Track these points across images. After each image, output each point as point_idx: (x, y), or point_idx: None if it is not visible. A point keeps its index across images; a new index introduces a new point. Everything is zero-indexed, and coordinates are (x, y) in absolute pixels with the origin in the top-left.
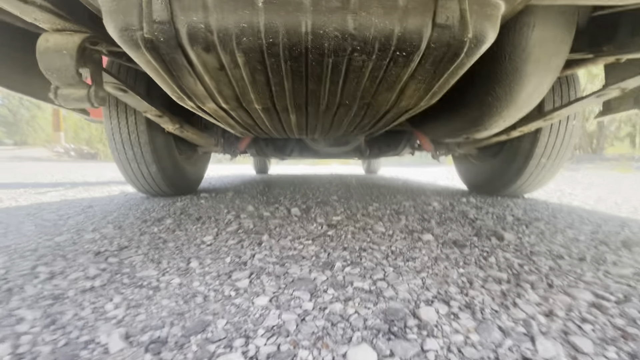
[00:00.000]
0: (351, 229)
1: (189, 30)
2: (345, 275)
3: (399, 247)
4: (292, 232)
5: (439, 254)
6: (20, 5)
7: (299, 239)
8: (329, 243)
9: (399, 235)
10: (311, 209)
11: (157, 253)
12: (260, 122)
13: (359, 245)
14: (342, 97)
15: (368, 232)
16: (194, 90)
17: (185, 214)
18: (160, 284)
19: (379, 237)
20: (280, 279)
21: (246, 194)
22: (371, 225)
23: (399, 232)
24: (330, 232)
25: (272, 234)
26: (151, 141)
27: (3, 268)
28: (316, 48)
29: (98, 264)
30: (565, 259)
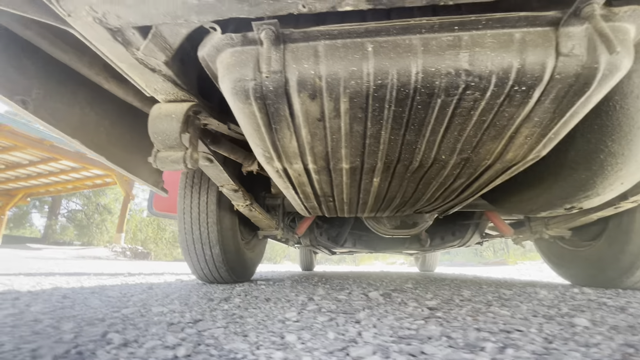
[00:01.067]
0: (462, 312)
1: (298, 77)
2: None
3: (555, 332)
4: (388, 312)
5: (623, 343)
6: (147, 76)
7: (403, 319)
8: (447, 324)
9: (537, 320)
10: (391, 295)
11: (239, 327)
12: (338, 191)
13: (496, 327)
14: (439, 151)
15: (489, 315)
16: (286, 148)
17: (251, 296)
18: (258, 358)
19: (511, 319)
20: (418, 358)
21: (305, 283)
22: (485, 309)
23: (532, 317)
24: (438, 313)
25: (367, 313)
26: (219, 222)
27: (71, 333)
28: (426, 87)
29: (175, 334)
30: None
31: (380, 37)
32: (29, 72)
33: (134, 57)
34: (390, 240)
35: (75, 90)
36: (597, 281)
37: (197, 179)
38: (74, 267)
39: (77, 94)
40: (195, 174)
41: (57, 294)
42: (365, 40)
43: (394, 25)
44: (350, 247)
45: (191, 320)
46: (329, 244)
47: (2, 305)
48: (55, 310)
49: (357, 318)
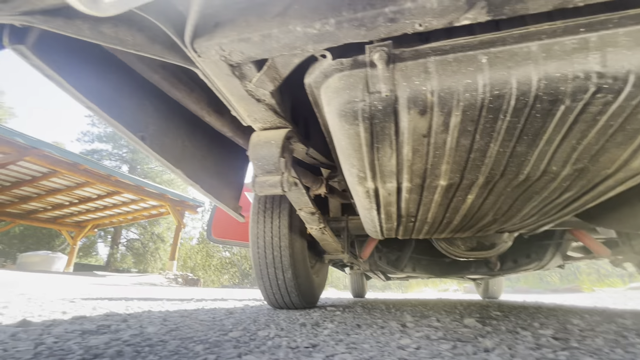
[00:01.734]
0: (599, 342)
1: (409, 95)
2: None
3: None
4: (510, 340)
5: None
6: (252, 106)
7: (538, 349)
8: (597, 355)
9: None
10: (489, 322)
11: (363, 353)
12: (423, 210)
13: None
14: (551, 162)
15: (638, 347)
16: (384, 166)
17: (337, 322)
18: None
19: None
20: None
21: (377, 310)
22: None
23: None
24: (573, 343)
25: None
26: (291, 245)
27: (210, 354)
28: (548, 94)
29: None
30: None
31: (494, 47)
32: (147, 110)
33: (245, 89)
34: (453, 265)
35: (178, 125)
36: None
37: (269, 204)
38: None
39: (179, 128)
40: (267, 199)
41: (153, 317)
42: (478, 52)
43: (511, 35)
44: (409, 272)
45: (308, 345)
46: (388, 269)
47: (120, 326)
48: (170, 332)
49: (484, 346)
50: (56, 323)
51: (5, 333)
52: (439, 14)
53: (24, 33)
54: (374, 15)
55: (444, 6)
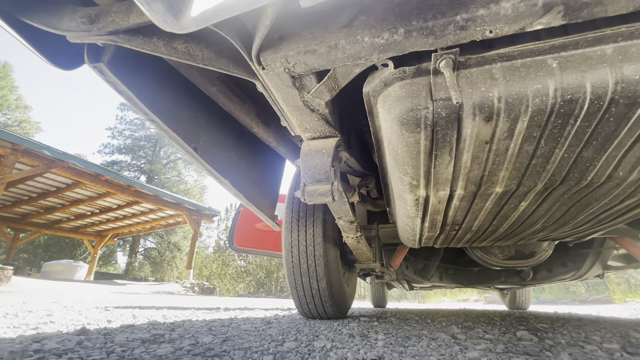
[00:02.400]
0: None
1: (475, 101)
2: None
3: None
4: (580, 355)
5: None
6: (305, 116)
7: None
8: None
9: None
10: (541, 334)
11: None
12: (470, 218)
13: None
14: (618, 167)
15: None
16: (440, 174)
17: (383, 333)
18: None
19: None
20: None
21: (410, 320)
22: None
23: None
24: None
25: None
26: (325, 254)
27: None
28: (626, 97)
29: None
30: None
31: (565, 51)
32: (200, 122)
33: (302, 99)
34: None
35: (226, 136)
36: None
37: (302, 212)
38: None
39: (227, 139)
40: (301, 207)
41: (197, 326)
42: (547, 57)
43: (585, 38)
44: (435, 281)
45: (375, 357)
46: (415, 278)
47: (172, 335)
48: (225, 342)
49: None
50: (112, 331)
51: (71, 341)
52: (512, 20)
53: (101, 51)
54: (445, 23)
55: (519, 12)
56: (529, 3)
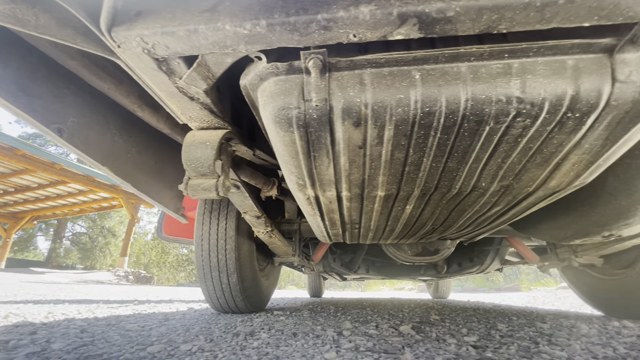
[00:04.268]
0: (511, 351)
1: (344, 105)
2: None
3: None
4: (431, 351)
5: None
6: (185, 104)
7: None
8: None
9: None
10: (423, 329)
11: None
12: (366, 218)
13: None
14: (480, 178)
15: (544, 357)
16: (322, 175)
17: (275, 330)
18: None
19: None
20: None
21: (324, 313)
22: (534, 348)
23: (592, 359)
24: (488, 353)
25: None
26: (237, 248)
27: None
28: (475, 115)
29: None
30: None
31: (428, 65)
32: (66, 100)
33: (175, 85)
34: (404, 267)
35: (107, 118)
36: (632, 313)
37: (215, 204)
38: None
39: (108, 122)
40: (214, 200)
41: (73, 327)
42: (412, 68)
43: (442, 54)
44: (363, 274)
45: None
46: (342, 270)
47: (22, 341)
48: (78, 348)
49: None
50: None
51: None
52: (372, 26)
53: None
54: (307, 21)
55: (377, 19)
56: (385, 11)
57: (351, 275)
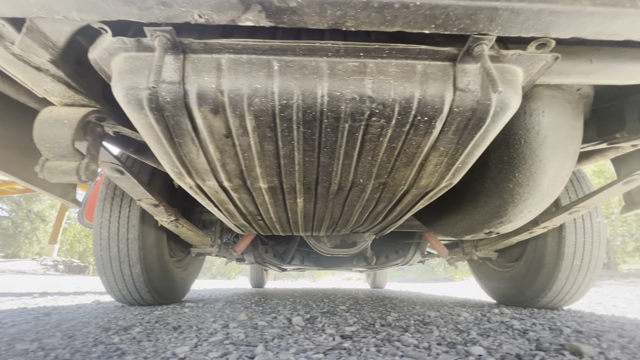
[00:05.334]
0: (372, 341)
1: (199, 90)
2: None
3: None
4: (295, 343)
5: None
6: (32, 75)
7: (304, 352)
8: (347, 357)
9: (438, 349)
10: (317, 319)
11: None
12: (263, 210)
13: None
14: (356, 175)
15: (396, 344)
16: (195, 164)
17: (161, 323)
18: None
19: (413, 350)
20: None
21: (239, 304)
22: (397, 336)
23: (436, 345)
24: (346, 344)
25: (269, 345)
26: (141, 237)
27: None
28: (332, 111)
29: None
30: None
31: (287, 56)
32: None
33: (9, 52)
34: (339, 258)
35: None
36: (518, 301)
37: (118, 190)
38: None
39: None
40: (116, 185)
41: None
42: (272, 58)
43: (299, 45)
44: (298, 265)
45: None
46: (275, 261)
47: None
48: None
49: (254, 353)
50: None
51: None
52: (215, 8)
53: None
54: None
55: (219, 1)
56: None
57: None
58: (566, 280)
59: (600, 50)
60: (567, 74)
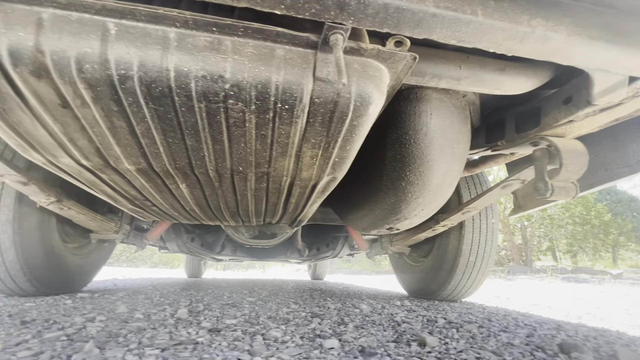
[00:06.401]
0: (237, 335)
1: (10, 47)
2: None
3: (284, 358)
4: (145, 338)
5: None
6: None
7: (142, 348)
8: (182, 352)
9: (294, 342)
10: (203, 312)
11: None
12: (149, 195)
13: (228, 355)
14: (233, 162)
15: (256, 338)
16: (36, 136)
17: (17, 316)
18: None
19: (266, 345)
20: None
21: (142, 295)
22: (267, 330)
23: (298, 338)
24: (203, 338)
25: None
26: (16, 220)
27: None
28: (182, 88)
29: None
30: None
31: (128, 20)
32: None
33: None
34: (273, 249)
35: None
36: (424, 293)
37: None
38: None
39: None
40: None
41: None
42: (110, 20)
43: (139, 10)
44: (230, 255)
45: None
46: (202, 251)
47: None
48: None
49: (81, 348)
50: None
51: None
52: None
53: None
54: None
55: None
56: None
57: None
58: (462, 275)
59: (469, 58)
60: (440, 77)
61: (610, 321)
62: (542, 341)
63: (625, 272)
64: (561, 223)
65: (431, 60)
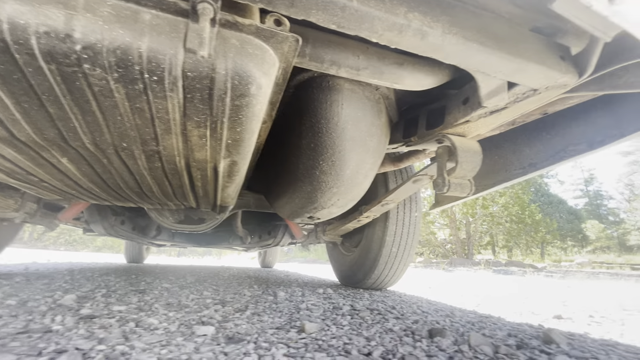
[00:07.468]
0: (108, 322)
1: None
2: None
3: (141, 346)
4: None
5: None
6: None
7: None
8: (18, 344)
9: (166, 329)
10: (99, 298)
11: None
12: (25, 167)
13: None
14: (113, 136)
15: (127, 326)
16: None
17: None
18: None
19: (131, 332)
20: None
21: (45, 280)
22: (149, 316)
23: (175, 326)
24: (61, 326)
25: None
26: None
27: None
28: (19, 44)
29: None
30: None
31: None
32: None
33: None
34: (214, 236)
35: None
36: (352, 282)
37: None
38: None
39: None
40: None
41: None
42: None
43: None
44: (167, 240)
45: None
46: (135, 235)
47: None
48: None
49: None
50: None
51: None
52: None
53: None
54: None
55: None
56: None
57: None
58: (385, 265)
59: (369, 49)
60: (339, 65)
61: (502, 309)
62: (420, 327)
63: (548, 266)
64: (500, 220)
65: (329, 47)
